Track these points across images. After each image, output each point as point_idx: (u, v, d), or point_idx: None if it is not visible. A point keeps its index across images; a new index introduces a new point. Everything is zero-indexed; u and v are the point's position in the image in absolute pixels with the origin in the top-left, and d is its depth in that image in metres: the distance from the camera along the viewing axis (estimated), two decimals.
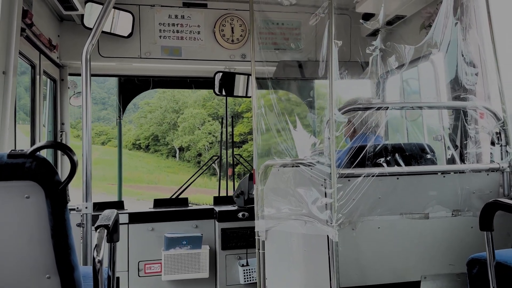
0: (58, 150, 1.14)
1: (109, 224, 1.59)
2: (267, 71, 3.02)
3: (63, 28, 3.64)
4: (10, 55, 2.40)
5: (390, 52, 2.50)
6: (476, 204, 2.36)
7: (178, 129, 30.40)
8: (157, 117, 31.60)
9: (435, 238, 2.38)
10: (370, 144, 2.35)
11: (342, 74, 2.42)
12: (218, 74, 3.85)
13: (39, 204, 1.36)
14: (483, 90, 2.64)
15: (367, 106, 2.44)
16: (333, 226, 2.14)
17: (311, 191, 2.27)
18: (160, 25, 3.76)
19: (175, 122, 30.88)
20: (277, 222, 2.43)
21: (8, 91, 2.36)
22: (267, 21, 3.78)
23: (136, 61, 3.77)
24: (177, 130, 30.59)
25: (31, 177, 1.33)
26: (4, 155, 1.32)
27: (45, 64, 3.33)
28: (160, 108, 31.50)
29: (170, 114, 31.39)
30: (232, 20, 3.84)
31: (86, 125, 2.64)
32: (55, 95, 3.71)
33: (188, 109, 30.41)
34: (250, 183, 3.61)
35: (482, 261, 2.01)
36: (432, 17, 3.04)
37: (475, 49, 2.65)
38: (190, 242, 3.54)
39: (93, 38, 2.69)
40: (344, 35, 3.73)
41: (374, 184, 2.24)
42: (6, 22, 2.38)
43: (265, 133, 2.63)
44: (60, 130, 3.71)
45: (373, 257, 2.33)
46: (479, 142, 2.55)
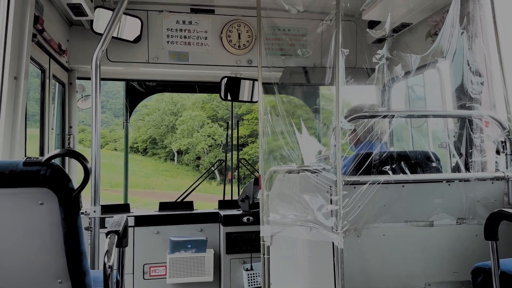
0: (72, 158, 1.17)
1: (119, 230, 1.62)
2: (273, 76, 3.05)
3: (72, 33, 3.69)
4: (22, 60, 2.44)
5: (396, 61, 2.53)
6: (481, 212, 2.38)
7: (177, 132, 30.28)
8: (155, 120, 31.31)
9: (440, 246, 2.39)
10: (376, 151, 2.37)
11: (348, 80, 2.44)
12: (224, 79, 3.88)
13: (52, 210, 1.39)
14: (489, 99, 2.65)
15: (373, 114, 2.46)
16: (339, 233, 2.16)
17: (317, 198, 2.30)
18: (168, 30, 3.80)
19: (173, 125, 30.79)
20: (282, 228, 2.45)
21: (20, 96, 2.40)
22: (274, 27, 3.81)
23: (143, 65, 3.80)
24: (175, 132, 30.51)
25: (45, 184, 1.36)
26: (20, 163, 1.35)
27: (54, 68, 3.37)
28: (158, 111, 31.23)
29: (168, 116, 31.16)
30: (239, 26, 3.87)
31: (95, 129, 2.68)
32: (64, 99, 3.75)
33: (187, 111, 30.26)
34: (255, 187, 3.63)
35: (487, 270, 2.02)
36: (438, 26, 3.06)
37: (481, 58, 2.67)
38: (195, 245, 3.57)
39: (103, 44, 2.73)
40: (350, 41, 3.75)
41: (379, 191, 2.26)
42: (18, 28, 2.42)
43: (271, 139, 2.65)
44: (68, 133, 3.75)
45: (377, 264, 2.35)
46: (484, 151, 2.56)
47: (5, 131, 2.27)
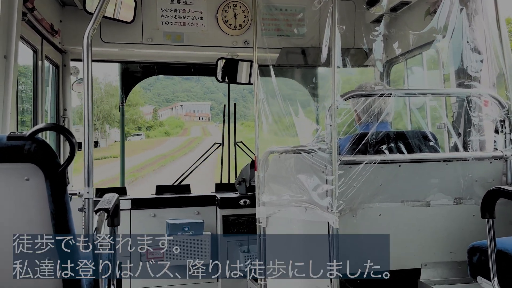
0: (58, 132, 1.14)
1: (109, 208, 1.60)
2: (270, 57, 2.99)
3: (65, 13, 3.62)
4: (12, 39, 2.39)
5: (394, 38, 2.47)
6: (478, 192, 2.35)
7: None
8: None
9: (436, 226, 2.38)
10: (372, 131, 2.34)
11: (345, 60, 2.39)
12: (220, 61, 3.81)
13: (38, 186, 1.37)
14: (488, 78, 2.60)
15: (370, 92, 2.42)
16: (334, 212, 2.14)
17: (312, 178, 2.27)
18: (163, 10, 3.73)
19: None
20: (278, 209, 2.43)
21: (10, 75, 2.36)
22: (270, 6, 3.73)
23: (138, 47, 3.74)
24: None
25: (30, 159, 1.33)
26: (4, 137, 1.32)
27: (47, 49, 3.32)
28: None
29: None
30: (235, 5, 3.80)
31: (88, 111, 2.63)
32: (58, 81, 3.70)
33: None
34: (252, 170, 3.61)
35: (483, 249, 2.00)
36: (438, 3, 2.99)
37: (480, 36, 2.61)
38: (192, 228, 3.56)
39: (94, 23, 2.67)
40: (348, 21, 3.68)
41: (375, 171, 2.23)
42: (7, 5, 2.37)
43: (266, 120, 2.62)
44: (62, 115, 3.71)
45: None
46: (483, 130, 2.53)
47: None
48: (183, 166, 4.58)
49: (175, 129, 45.88)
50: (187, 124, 47.86)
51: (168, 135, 43.48)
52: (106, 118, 38.47)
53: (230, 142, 4.17)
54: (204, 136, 40.31)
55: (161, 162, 26.84)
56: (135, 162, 25.52)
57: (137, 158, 27.37)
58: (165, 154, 27.09)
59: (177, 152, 31.05)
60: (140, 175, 21.27)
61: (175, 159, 28.00)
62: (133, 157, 28.14)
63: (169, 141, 38.54)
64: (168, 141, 37.95)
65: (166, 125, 46.90)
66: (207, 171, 5.01)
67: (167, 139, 40.41)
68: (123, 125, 5.11)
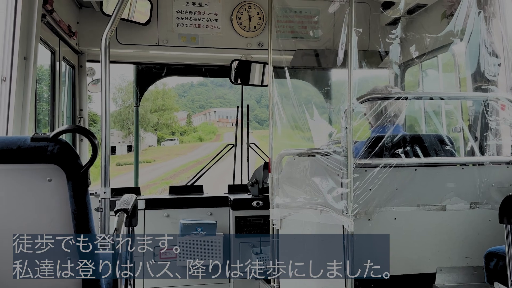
0: (80, 134, 1.16)
1: (128, 208, 1.62)
2: (284, 59, 3.00)
3: (82, 15, 3.67)
4: (32, 40, 2.43)
5: (411, 41, 2.46)
6: (495, 197, 2.33)
7: None
8: None
9: (452, 231, 2.36)
10: (388, 134, 2.33)
11: (361, 63, 2.39)
12: (234, 63, 3.83)
13: (60, 187, 1.39)
14: (506, 81, 2.58)
15: (386, 95, 2.41)
16: (349, 216, 2.13)
17: (327, 181, 2.27)
18: (178, 12, 3.76)
19: None
20: (292, 211, 2.43)
21: (29, 77, 2.40)
22: (285, 9, 3.74)
23: (153, 48, 3.77)
24: None
25: (53, 160, 1.35)
26: (28, 139, 1.34)
27: (64, 50, 3.36)
28: None
29: None
30: (250, 8, 3.81)
31: (105, 111, 2.66)
32: (74, 81, 3.75)
33: None
34: (265, 172, 3.61)
35: (501, 255, 1.98)
36: (454, 6, 2.97)
37: (498, 39, 2.59)
38: (204, 229, 3.57)
39: (112, 25, 2.69)
40: (364, 23, 3.65)
41: (391, 174, 2.21)
42: (27, 7, 2.41)
43: (281, 122, 2.62)
44: (78, 116, 3.75)
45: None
46: (500, 134, 2.50)
47: (15, 111, 2.28)
48: (219, 174, 4.52)
49: (208, 135, 46.09)
50: (220, 130, 47.96)
51: (202, 141, 43.67)
52: (141, 122, 38.79)
53: (243, 143, 4.18)
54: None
55: (195, 168, 26.69)
56: (168, 168, 25.24)
57: (170, 164, 27.10)
58: (199, 160, 26.91)
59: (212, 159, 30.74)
60: (174, 183, 21.11)
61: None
62: (167, 162, 27.95)
63: (202, 146, 38.62)
64: (202, 147, 38.02)
65: (200, 131, 47.25)
66: (226, 172, 4.99)
67: (200, 145, 40.52)
68: (137, 126, 5.16)
